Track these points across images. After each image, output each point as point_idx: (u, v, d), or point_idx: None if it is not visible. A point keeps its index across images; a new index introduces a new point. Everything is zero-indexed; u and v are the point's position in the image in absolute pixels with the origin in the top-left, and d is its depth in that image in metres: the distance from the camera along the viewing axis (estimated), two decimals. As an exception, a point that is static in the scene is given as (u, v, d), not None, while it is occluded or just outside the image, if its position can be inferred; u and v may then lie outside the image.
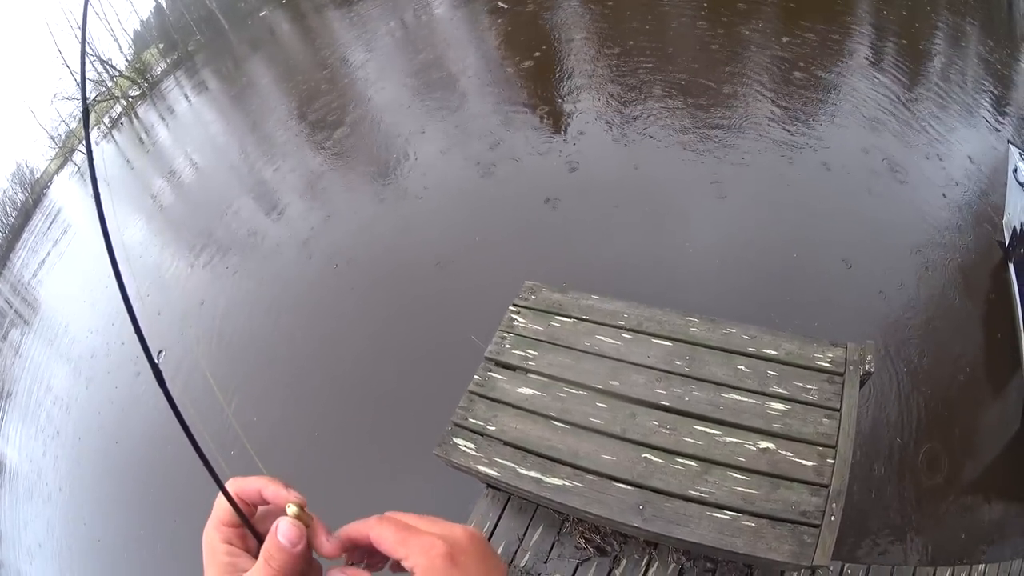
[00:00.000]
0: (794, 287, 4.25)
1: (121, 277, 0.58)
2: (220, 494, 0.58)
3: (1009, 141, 4.50)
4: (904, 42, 6.21)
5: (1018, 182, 4.01)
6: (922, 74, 5.75)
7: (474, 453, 2.69)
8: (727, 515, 2.35)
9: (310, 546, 0.58)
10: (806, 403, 2.59)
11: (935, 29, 6.28)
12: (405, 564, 0.56)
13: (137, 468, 5.40)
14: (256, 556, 0.58)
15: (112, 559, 4.91)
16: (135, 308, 0.60)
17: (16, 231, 15.19)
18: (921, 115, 5.28)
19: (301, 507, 0.57)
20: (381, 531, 0.58)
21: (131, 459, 5.54)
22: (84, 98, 0.61)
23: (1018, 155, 4.07)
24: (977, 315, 3.94)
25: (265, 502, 0.60)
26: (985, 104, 5.28)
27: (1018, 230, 3.89)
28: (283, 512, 0.57)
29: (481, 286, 4.91)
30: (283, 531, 0.55)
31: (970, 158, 4.81)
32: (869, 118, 5.33)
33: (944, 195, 4.58)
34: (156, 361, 0.59)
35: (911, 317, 3.91)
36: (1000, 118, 5.12)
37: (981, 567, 2.79)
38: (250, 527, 0.59)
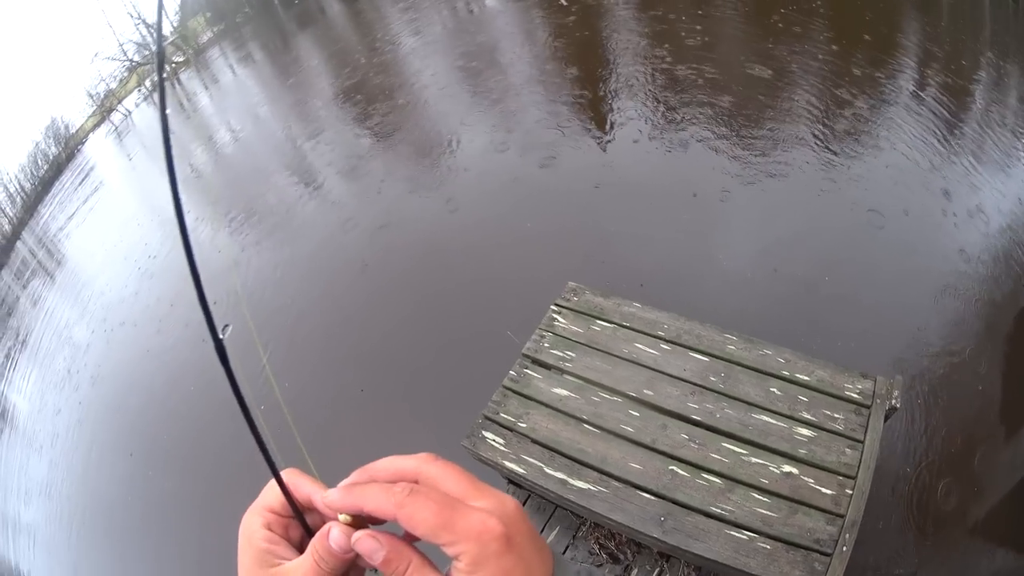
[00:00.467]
0: (821, 310, 4.26)
1: (189, 245, 0.53)
2: (272, 481, 0.56)
3: None
4: (943, 80, 6.18)
5: None
6: (960, 112, 5.72)
7: (502, 448, 2.73)
8: (745, 535, 2.38)
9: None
10: (832, 431, 2.61)
11: (976, 68, 6.25)
12: (448, 550, 0.48)
13: (153, 421, 5.50)
14: (297, 546, 0.56)
15: (116, 511, 5.00)
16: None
17: (46, 184, 15.29)
18: (957, 152, 5.25)
19: (355, 515, 0.54)
20: (415, 510, 0.48)
21: (146, 413, 5.64)
22: (160, 51, 0.56)
23: None
24: (999, 355, 3.92)
25: (312, 508, 0.56)
26: (1021, 145, 5.25)
27: None
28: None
29: (519, 280, 4.95)
30: (335, 537, 0.52)
31: (1003, 197, 4.79)
32: (905, 152, 5.32)
33: (974, 233, 4.56)
34: (221, 336, 0.54)
35: (931, 352, 3.89)
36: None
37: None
38: (302, 521, 0.56)
